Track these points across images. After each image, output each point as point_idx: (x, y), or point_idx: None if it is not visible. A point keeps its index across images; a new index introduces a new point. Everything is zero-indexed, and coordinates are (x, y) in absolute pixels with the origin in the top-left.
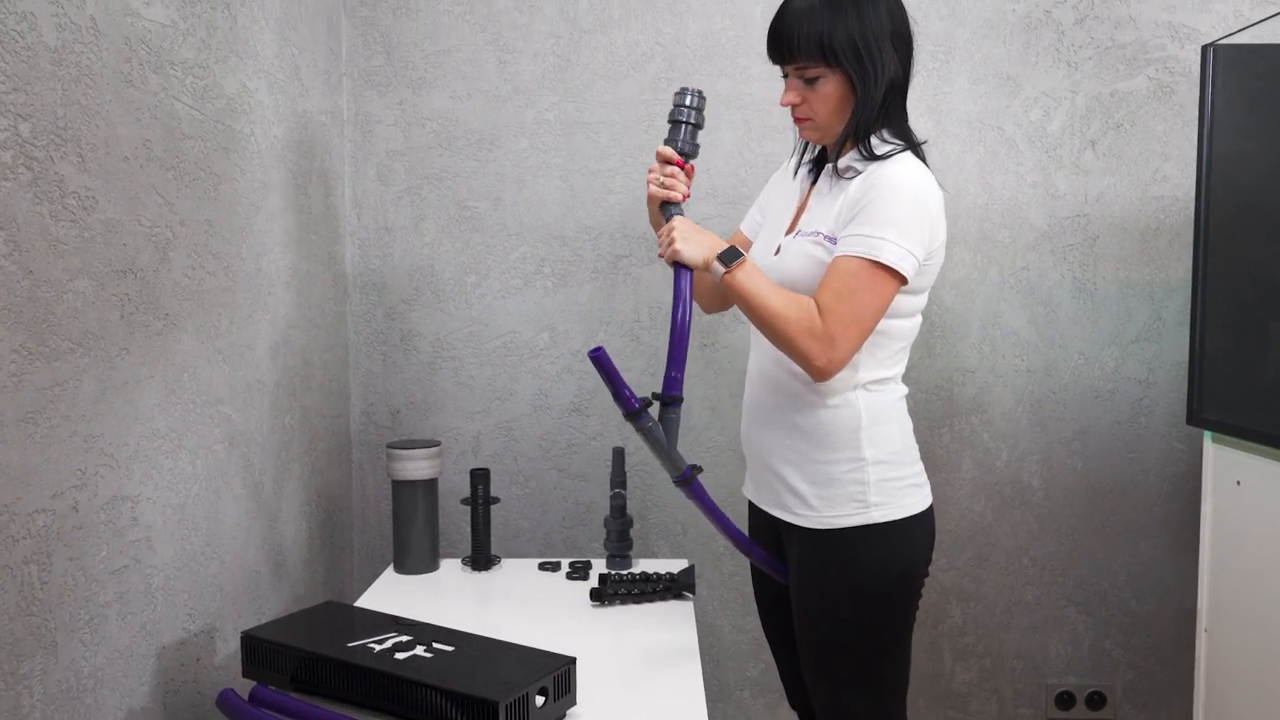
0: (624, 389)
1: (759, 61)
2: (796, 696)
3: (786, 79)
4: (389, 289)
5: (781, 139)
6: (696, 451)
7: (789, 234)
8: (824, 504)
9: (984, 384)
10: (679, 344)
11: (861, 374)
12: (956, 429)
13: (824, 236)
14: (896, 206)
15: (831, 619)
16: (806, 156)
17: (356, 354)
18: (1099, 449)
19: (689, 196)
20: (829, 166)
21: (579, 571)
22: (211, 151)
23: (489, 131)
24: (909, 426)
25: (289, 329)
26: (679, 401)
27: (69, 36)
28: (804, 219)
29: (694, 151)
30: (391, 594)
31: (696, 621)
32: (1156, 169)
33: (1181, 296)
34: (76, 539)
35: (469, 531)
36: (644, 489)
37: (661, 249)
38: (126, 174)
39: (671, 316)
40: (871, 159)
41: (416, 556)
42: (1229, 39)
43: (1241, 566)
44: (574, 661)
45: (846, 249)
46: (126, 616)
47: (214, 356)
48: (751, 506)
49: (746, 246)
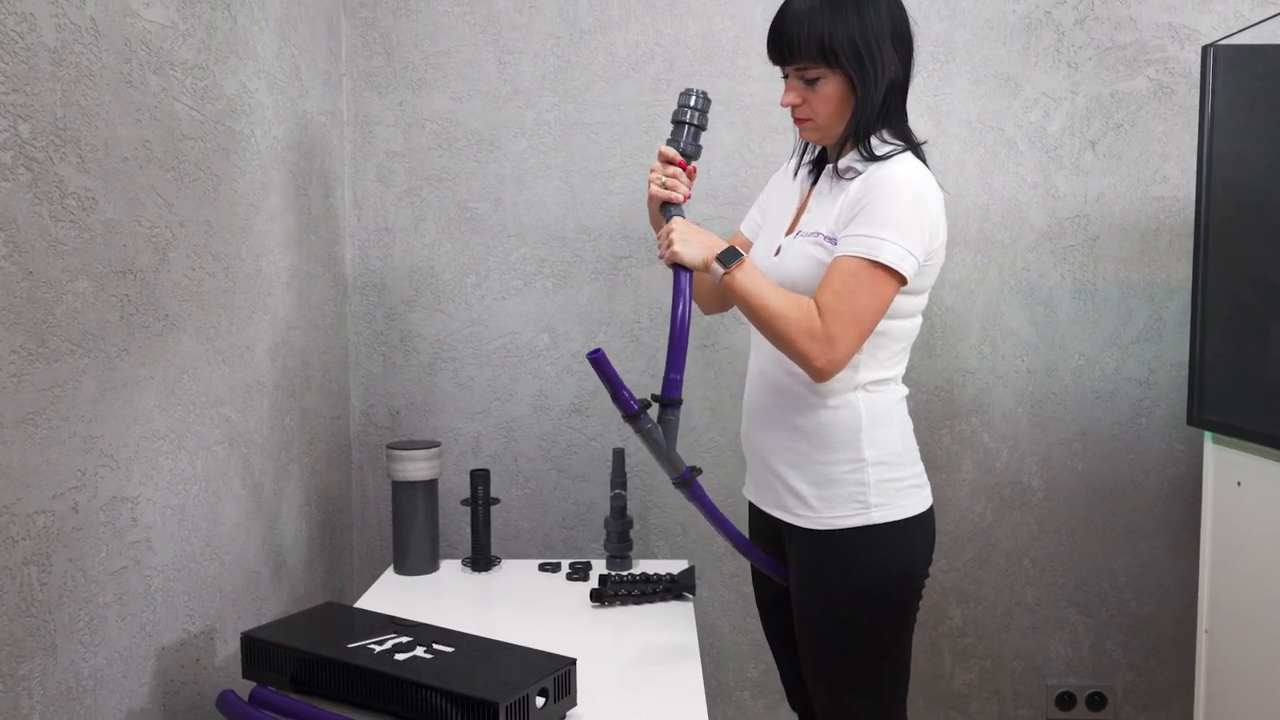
0: (623, 390)
1: (759, 62)
2: (797, 697)
3: (787, 80)
4: (389, 290)
5: (781, 140)
6: (697, 452)
7: (789, 235)
8: (824, 505)
9: (984, 385)
10: (678, 346)
11: (862, 375)
12: (957, 430)
13: (824, 237)
14: (896, 207)
15: (832, 620)
16: (806, 157)
17: (356, 355)
18: (1099, 450)
19: (690, 198)
20: (829, 167)
21: (579, 572)
22: (211, 152)
23: (489, 132)
24: (909, 427)
25: (289, 330)
26: (678, 403)
27: (69, 37)
28: (804, 220)
29: (696, 153)
30: (391, 595)
31: (697, 622)
32: (1157, 169)
33: (1182, 297)
34: (76, 540)
35: (469, 532)
36: (644, 490)
37: (661, 250)
38: (126, 175)
39: (671, 318)
40: (872, 159)
41: (416, 557)
42: (1229, 39)
43: (1242, 567)
44: (574, 662)
45: (846, 249)
46: (126, 618)
47: (214, 357)
48: (752, 507)
49: (746, 247)
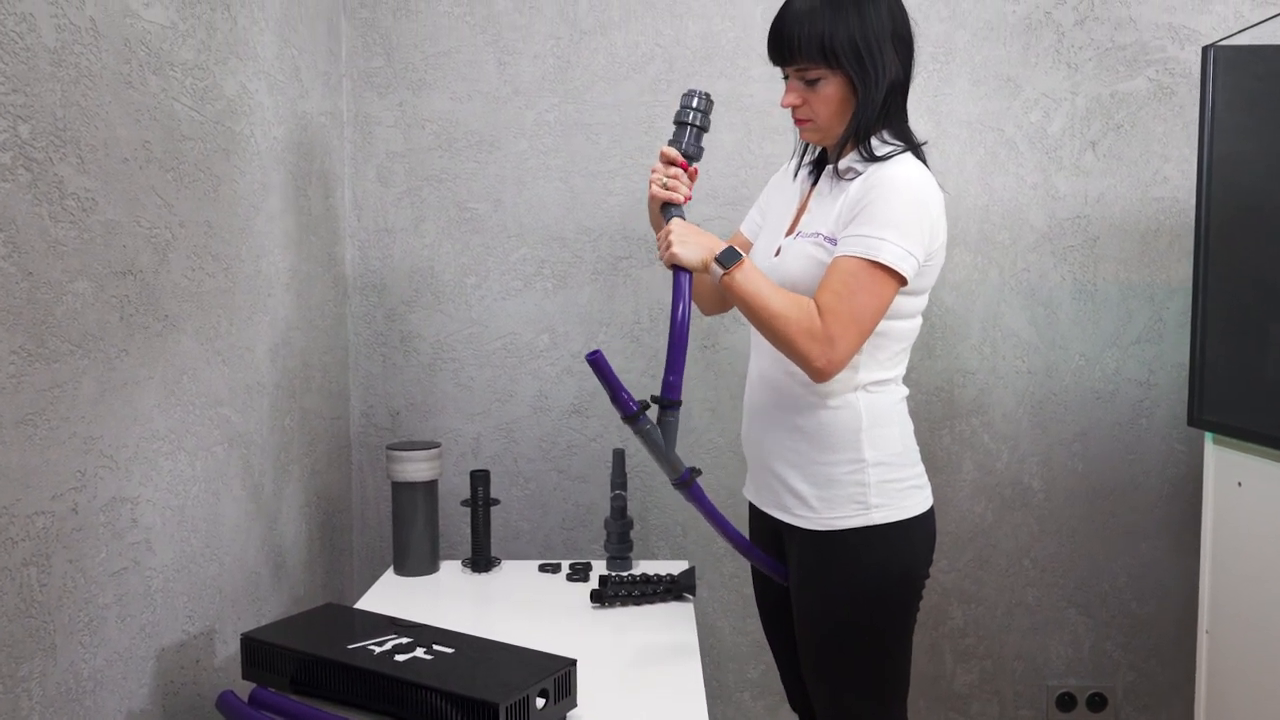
0: (622, 392)
1: (759, 63)
2: (797, 698)
3: (787, 80)
4: (389, 290)
5: (782, 140)
6: (697, 453)
7: (789, 235)
8: (824, 505)
9: (984, 385)
10: (677, 348)
11: (862, 375)
12: (957, 430)
13: (824, 238)
14: (896, 207)
15: (832, 620)
16: (807, 158)
17: (356, 355)
18: (1100, 450)
19: (690, 199)
20: (829, 168)
21: (579, 573)
22: (211, 153)
23: (489, 133)
24: (910, 428)
25: (289, 330)
26: (677, 404)
27: (68, 38)
28: (804, 220)
29: (698, 154)
30: (391, 596)
31: (697, 623)
32: (1157, 170)
33: (1182, 298)
34: (76, 541)
35: (469, 533)
36: (644, 490)
37: (660, 251)
38: (126, 175)
39: (670, 320)
40: (872, 160)
41: (416, 558)
42: (1229, 40)
43: (1242, 568)
44: (574, 663)
45: (846, 249)
46: (126, 618)
47: (213, 358)
48: (752, 508)
49: (746, 248)
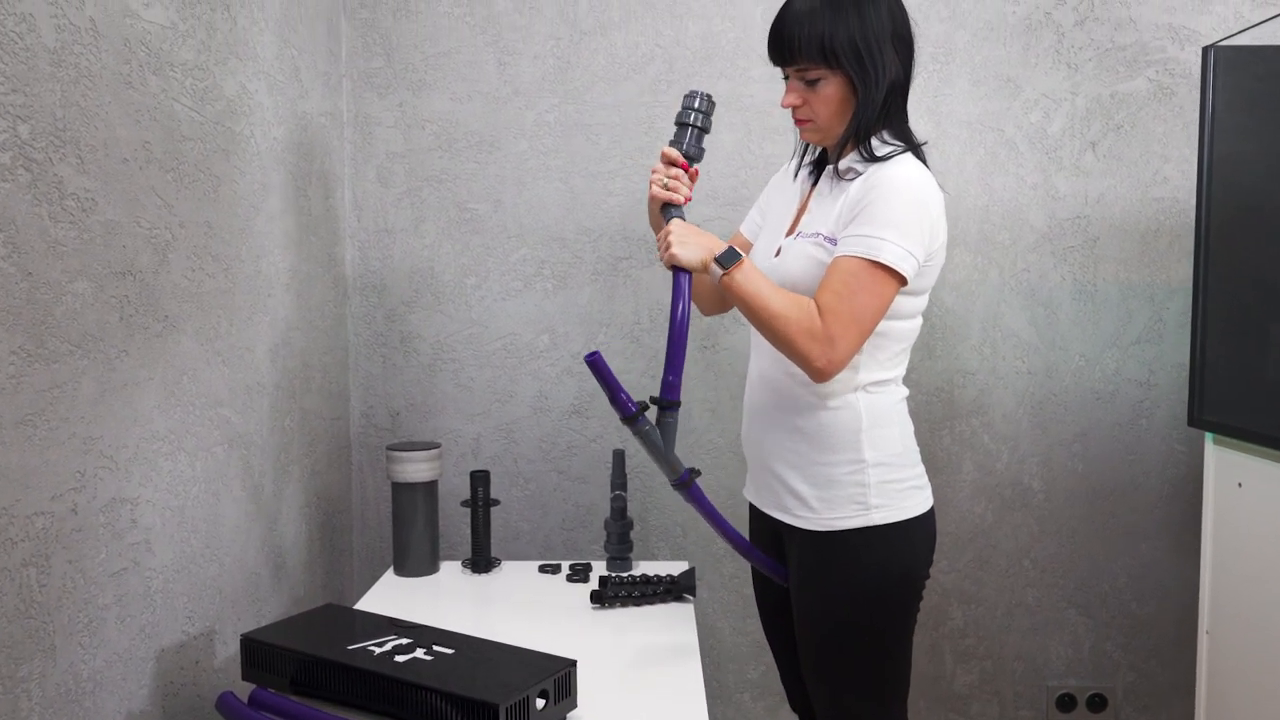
0: (620, 393)
1: (759, 63)
2: (797, 699)
3: (787, 81)
4: (389, 291)
5: (782, 141)
6: (697, 454)
7: (789, 235)
8: (824, 506)
9: (984, 386)
10: (676, 349)
11: (862, 376)
12: (957, 431)
13: (824, 238)
14: (897, 207)
15: (832, 621)
16: (807, 158)
17: (356, 356)
18: (1100, 451)
19: (691, 199)
20: (829, 168)
21: (579, 574)
22: (211, 153)
23: (489, 133)
24: (910, 428)
25: (289, 331)
26: (676, 405)
27: (68, 38)
28: (804, 220)
29: (699, 155)
30: (391, 596)
31: (697, 624)
32: (1157, 171)
33: (1182, 298)
34: (75, 541)
35: (469, 534)
36: (644, 491)
37: (660, 252)
38: (126, 176)
39: (669, 320)
40: (872, 160)
41: (416, 559)
42: (1229, 40)
43: (1243, 568)
44: (574, 664)
45: (846, 249)
46: (125, 619)
47: (213, 358)
48: (752, 509)
49: (746, 248)
